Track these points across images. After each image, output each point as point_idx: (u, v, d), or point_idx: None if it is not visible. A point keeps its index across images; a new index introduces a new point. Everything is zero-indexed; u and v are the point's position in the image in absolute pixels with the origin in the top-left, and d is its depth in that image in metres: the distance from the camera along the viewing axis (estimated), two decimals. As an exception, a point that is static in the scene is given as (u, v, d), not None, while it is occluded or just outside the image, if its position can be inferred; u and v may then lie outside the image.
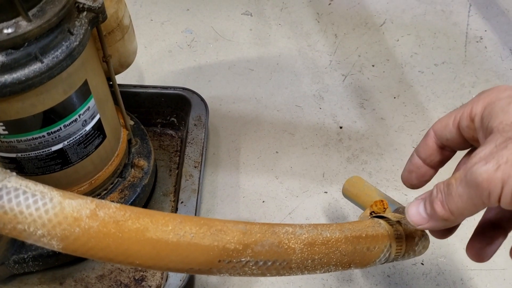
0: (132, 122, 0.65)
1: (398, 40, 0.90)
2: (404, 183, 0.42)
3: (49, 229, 0.33)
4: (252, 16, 0.92)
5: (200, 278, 0.61)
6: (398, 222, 0.43)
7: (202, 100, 0.70)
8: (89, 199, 0.35)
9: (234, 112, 0.78)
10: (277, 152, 0.74)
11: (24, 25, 0.39)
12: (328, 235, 0.39)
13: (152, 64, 0.84)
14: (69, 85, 0.45)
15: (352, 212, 0.67)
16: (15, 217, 0.33)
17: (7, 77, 0.40)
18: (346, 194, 0.53)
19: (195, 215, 0.59)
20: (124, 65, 0.63)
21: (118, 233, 0.33)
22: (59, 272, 0.60)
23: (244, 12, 0.93)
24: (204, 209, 0.66)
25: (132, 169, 0.62)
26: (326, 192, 0.69)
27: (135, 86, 0.70)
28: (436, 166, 0.40)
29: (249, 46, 0.88)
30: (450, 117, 0.37)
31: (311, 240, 0.38)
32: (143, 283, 0.59)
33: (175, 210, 0.61)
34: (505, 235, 0.38)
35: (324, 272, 0.40)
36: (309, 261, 0.38)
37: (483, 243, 0.38)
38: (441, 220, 0.34)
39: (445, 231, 0.40)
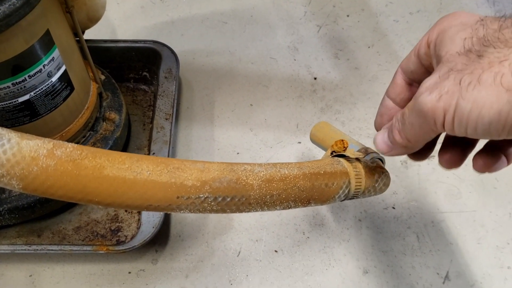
0: (103, 77, 0.65)
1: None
2: (377, 128, 0.43)
3: (8, 168, 0.34)
4: (225, -31, 0.91)
5: (175, 227, 0.62)
6: (357, 159, 0.44)
7: (173, 52, 0.70)
8: (46, 140, 0.35)
9: (208, 66, 0.78)
10: (251, 104, 0.74)
11: (-25, -31, 0.39)
12: (286, 172, 0.40)
13: (124, 20, 0.83)
14: (30, 35, 0.45)
15: (324, 159, 0.68)
16: (-27, 158, 0.34)
17: (-38, 25, 0.40)
18: (313, 139, 0.54)
19: (167, 165, 0.59)
20: (93, 20, 0.62)
21: (75, 171, 0.34)
22: (36, 225, 0.61)
23: (217, -35, 0.91)
24: (179, 161, 0.67)
25: (104, 123, 0.63)
26: (299, 142, 0.70)
27: (105, 41, 0.70)
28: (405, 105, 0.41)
29: None
30: (412, 50, 0.39)
31: (269, 176, 0.39)
32: (119, 233, 0.61)
33: (148, 161, 0.61)
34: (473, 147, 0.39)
35: (284, 209, 0.41)
36: (268, 197, 0.39)
37: (453, 153, 0.39)
38: (401, 148, 0.37)
39: (420, 154, 0.41)
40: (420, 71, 0.39)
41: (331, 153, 0.46)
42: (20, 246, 0.54)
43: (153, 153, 0.60)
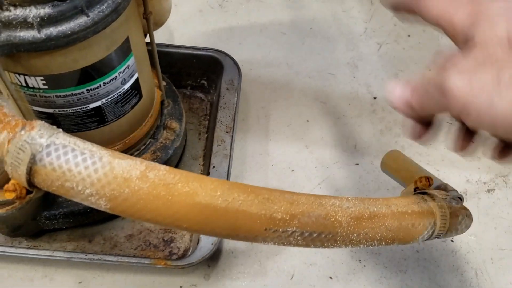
0: (164, 83, 0.64)
1: (435, 11, 0.87)
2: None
3: (98, 188, 0.33)
4: (285, -22, 0.90)
5: (228, 243, 0.61)
6: (443, 199, 0.42)
7: (235, 63, 0.68)
8: (138, 160, 0.34)
9: (265, 77, 0.76)
10: (308, 120, 0.72)
11: (71, -24, 0.38)
12: (375, 210, 0.38)
13: (182, 23, 0.82)
14: (112, 42, 0.44)
15: (384, 185, 0.66)
16: (64, 174, 0.33)
17: (52, 30, 0.38)
18: (385, 168, 0.52)
19: (227, 180, 0.58)
20: (158, 24, 0.61)
21: (168, 195, 0.33)
22: (88, 230, 0.60)
23: (277, -27, 0.90)
24: (233, 175, 0.65)
25: (164, 131, 0.62)
26: (357, 164, 0.68)
27: (167, 46, 0.69)
28: None
29: (281, 8, 0.85)
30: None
31: (358, 214, 0.37)
32: (172, 245, 0.59)
33: (206, 174, 0.60)
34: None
35: (366, 246, 0.39)
36: (355, 235, 0.37)
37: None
38: (407, 106, 0.34)
39: (421, 129, 0.37)
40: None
41: (414, 189, 0.44)
42: (76, 254, 0.53)
43: (213, 167, 0.59)
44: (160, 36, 0.79)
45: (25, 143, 0.33)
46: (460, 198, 0.46)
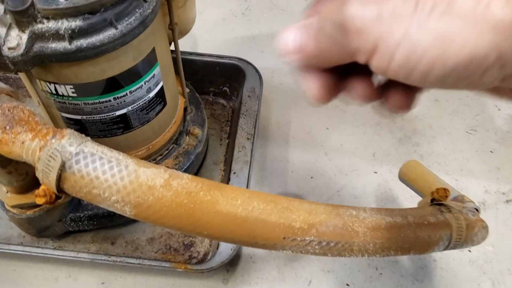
0: (187, 90, 0.65)
1: None
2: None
3: (124, 195, 0.34)
4: (308, -14, 0.91)
5: (247, 248, 0.62)
6: (460, 211, 0.43)
7: (257, 71, 0.70)
8: (162, 168, 0.35)
9: (286, 85, 0.77)
10: (327, 128, 0.73)
11: (101, -9, 0.39)
12: (391, 220, 0.39)
13: (205, 30, 0.83)
14: (139, 52, 0.45)
15: (402, 194, 0.66)
16: (91, 181, 0.34)
17: (83, 42, 0.40)
18: (403, 178, 0.53)
19: (247, 186, 0.59)
20: (182, 32, 0.63)
21: (190, 203, 0.34)
22: (111, 232, 0.62)
23: (300, -18, 0.91)
24: (253, 181, 0.66)
25: (187, 137, 0.63)
26: (376, 172, 0.69)
27: (191, 54, 0.70)
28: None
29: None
30: None
31: (374, 224, 0.38)
32: (192, 249, 0.61)
33: (226, 180, 0.61)
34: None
35: (381, 256, 0.40)
36: (371, 245, 0.38)
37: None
38: (308, 57, 0.26)
39: (327, 94, 0.29)
40: None
41: (431, 200, 0.45)
42: (99, 256, 0.54)
43: (234, 173, 0.60)
44: (184, 43, 0.81)
45: (55, 151, 0.34)
46: (477, 210, 0.46)
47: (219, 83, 0.73)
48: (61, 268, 0.59)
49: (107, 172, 0.34)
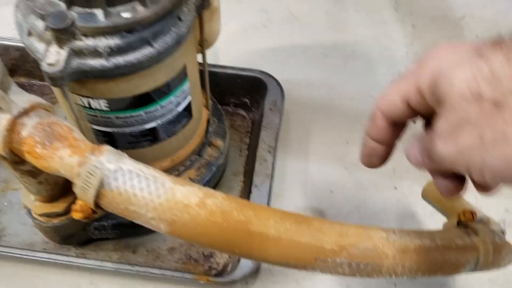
0: (210, 102, 0.66)
1: (478, 37, 0.87)
2: (366, 166, 0.39)
3: (160, 213, 0.35)
4: (328, -1, 0.91)
5: (266, 261, 0.62)
6: (487, 234, 0.43)
7: (279, 84, 0.70)
8: (197, 187, 0.36)
9: (306, 98, 0.78)
10: (347, 142, 0.73)
11: (140, 10, 0.40)
12: (420, 243, 0.39)
13: (227, 42, 0.83)
14: (171, 69, 0.46)
15: (421, 210, 0.66)
16: (129, 199, 0.35)
17: (120, 59, 0.41)
18: (427, 197, 0.53)
19: (268, 199, 0.60)
20: (207, 46, 0.63)
21: (224, 223, 0.35)
22: (132, 241, 0.62)
23: (321, -6, 0.92)
24: (273, 194, 0.67)
25: (209, 148, 0.64)
26: (396, 188, 0.69)
27: (214, 66, 0.71)
28: (394, 142, 0.38)
29: (324, 30, 0.87)
30: (395, 93, 0.34)
31: (404, 247, 0.38)
32: (211, 259, 0.61)
33: (247, 192, 0.62)
34: None
35: (408, 277, 0.40)
36: (400, 267, 0.38)
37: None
38: (425, 168, 0.34)
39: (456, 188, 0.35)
40: (411, 115, 0.34)
41: (458, 222, 0.45)
42: (123, 265, 0.55)
43: (255, 186, 0.61)
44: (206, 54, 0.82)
45: (94, 168, 0.35)
46: (503, 232, 0.47)
47: (240, 95, 0.73)
48: (84, 275, 0.59)
49: (144, 190, 0.35)
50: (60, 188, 0.51)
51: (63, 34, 0.39)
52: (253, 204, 0.36)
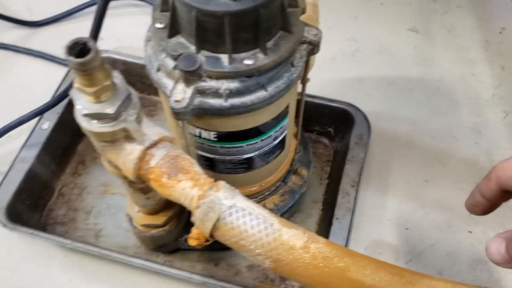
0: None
1: None
2: (468, 211, 0.44)
3: (267, 250, 0.38)
4: (418, 33, 0.92)
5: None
6: None
7: (366, 119, 0.72)
8: (301, 230, 0.39)
9: (389, 131, 0.80)
10: (426, 180, 0.75)
11: (261, 58, 0.44)
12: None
13: (315, 69, 0.87)
14: (277, 109, 0.50)
15: (497, 259, 0.67)
16: (240, 234, 0.39)
17: (236, 101, 0.45)
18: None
19: (348, 233, 0.62)
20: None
21: (324, 267, 0.38)
22: (215, 254, 0.67)
23: (410, 28, 0.93)
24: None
25: (293, 176, 0.67)
26: (470, 232, 0.70)
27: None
28: (499, 203, 0.42)
29: (411, 65, 0.88)
30: None
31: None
32: (287, 281, 0.65)
33: (327, 223, 0.65)
34: None
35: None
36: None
37: None
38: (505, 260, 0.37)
39: None
40: None
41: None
42: (209, 279, 0.59)
43: (337, 218, 0.63)
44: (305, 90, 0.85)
45: (214, 203, 0.39)
46: None
47: (325, 124, 0.76)
48: (171, 282, 0.64)
49: (255, 228, 0.39)
50: (162, 204, 0.56)
51: (191, 75, 0.43)
52: (351, 251, 0.39)
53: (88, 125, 0.40)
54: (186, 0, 0.41)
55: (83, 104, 0.39)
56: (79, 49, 0.35)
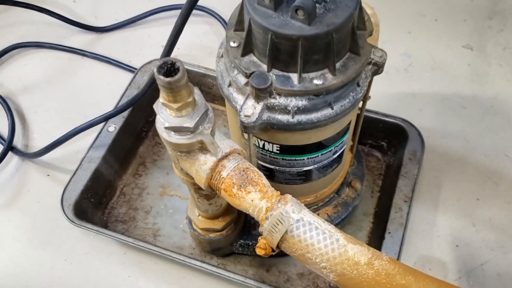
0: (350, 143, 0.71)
1: None
2: None
3: (332, 264, 0.40)
4: (472, 50, 0.92)
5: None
6: None
7: (420, 135, 0.73)
8: (365, 247, 0.41)
9: (441, 148, 0.80)
10: (478, 199, 0.75)
11: (329, 78, 0.46)
12: None
13: (368, 82, 0.88)
14: (340, 125, 0.52)
15: (549, 282, 0.67)
16: (307, 247, 0.41)
17: (303, 117, 0.47)
18: None
19: (400, 248, 0.63)
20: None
21: (387, 284, 0.39)
22: (267, 260, 0.69)
23: (465, 45, 0.93)
24: (401, 239, 0.70)
25: (347, 188, 0.69)
26: (523, 253, 0.70)
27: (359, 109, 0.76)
28: None
29: (465, 82, 0.88)
30: None
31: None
32: (336, 291, 0.66)
33: (378, 236, 0.66)
34: None
35: None
36: None
37: None
38: None
39: None
40: None
41: None
42: (262, 285, 0.61)
43: (389, 232, 0.65)
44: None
45: (282, 216, 0.41)
46: None
47: (378, 138, 0.77)
48: (223, 284, 0.67)
49: (321, 242, 0.41)
50: (223, 210, 0.59)
51: (262, 92, 0.46)
52: (413, 269, 0.41)
53: (168, 137, 0.42)
54: (264, 23, 0.43)
55: (165, 118, 0.41)
56: (167, 68, 0.38)
